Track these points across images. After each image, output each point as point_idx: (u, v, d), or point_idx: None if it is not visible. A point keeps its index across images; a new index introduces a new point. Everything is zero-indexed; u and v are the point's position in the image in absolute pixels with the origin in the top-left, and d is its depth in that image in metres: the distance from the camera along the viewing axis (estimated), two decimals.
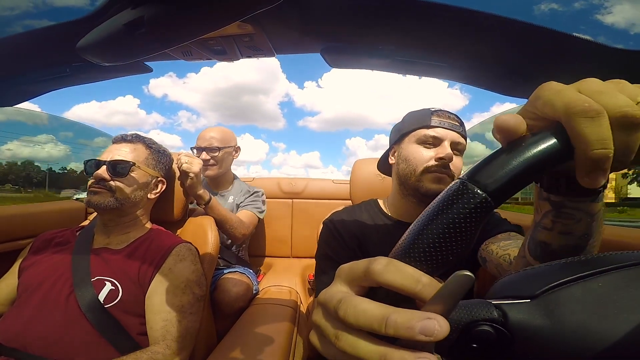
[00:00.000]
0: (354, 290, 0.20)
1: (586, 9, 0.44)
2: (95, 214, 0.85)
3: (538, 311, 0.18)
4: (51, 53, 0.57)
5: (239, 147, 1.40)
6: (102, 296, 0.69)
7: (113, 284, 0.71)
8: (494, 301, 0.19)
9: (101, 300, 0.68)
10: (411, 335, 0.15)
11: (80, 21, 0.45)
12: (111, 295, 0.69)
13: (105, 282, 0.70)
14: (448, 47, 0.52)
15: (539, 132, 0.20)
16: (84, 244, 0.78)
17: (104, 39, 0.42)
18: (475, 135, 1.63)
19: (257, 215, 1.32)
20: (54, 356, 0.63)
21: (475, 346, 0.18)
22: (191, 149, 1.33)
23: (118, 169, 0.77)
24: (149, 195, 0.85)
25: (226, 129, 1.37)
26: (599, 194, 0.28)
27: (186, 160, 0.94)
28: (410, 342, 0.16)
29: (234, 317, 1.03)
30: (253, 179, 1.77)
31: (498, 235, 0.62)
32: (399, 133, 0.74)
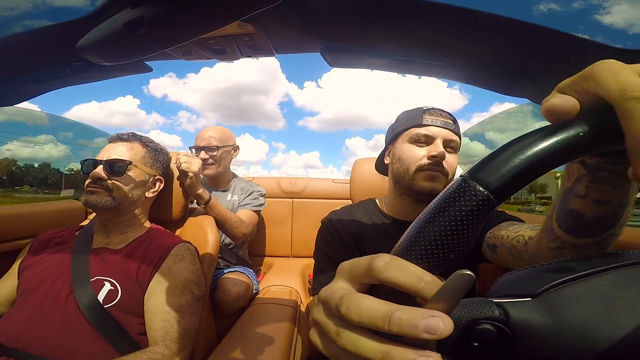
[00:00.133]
0: (356, 287, 0.20)
1: (585, 9, 0.44)
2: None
3: (539, 310, 0.18)
4: (51, 53, 0.57)
5: (237, 146, 1.40)
6: (101, 296, 0.69)
7: (112, 284, 0.70)
8: (495, 299, 0.19)
9: (100, 301, 0.68)
10: (415, 333, 0.15)
11: (80, 21, 0.45)
12: (110, 295, 0.69)
13: (105, 282, 0.70)
14: (448, 47, 0.52)
15: (546, 127, 0.19)
16: (83, 244, 0.78)
17: (103, 38, 0.42)
18: (475, 135, 1.63)
19: (258, 209, 1.33)
20: (54, 356, 0.63)
21: (476, 344, 0.18)
22: (190, 148, 1.33)
23: (115, 168, 0.77)
24: (147, 194, 0.85)
25: (224, 128, 1.37)
26: None
27: (185, 160, 0.94)
28: (411, 340, 0.16)
29: (234, 317, 1.02)
30: (253, 179, 1.78)
31: (501, 224, 0.60)
32: (393, 133, 0.74)
